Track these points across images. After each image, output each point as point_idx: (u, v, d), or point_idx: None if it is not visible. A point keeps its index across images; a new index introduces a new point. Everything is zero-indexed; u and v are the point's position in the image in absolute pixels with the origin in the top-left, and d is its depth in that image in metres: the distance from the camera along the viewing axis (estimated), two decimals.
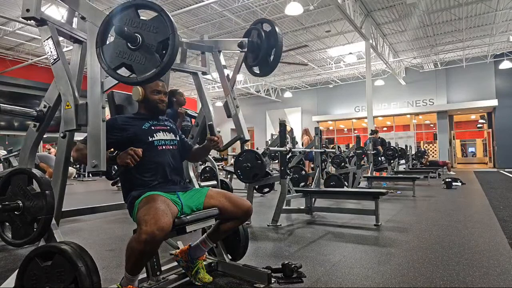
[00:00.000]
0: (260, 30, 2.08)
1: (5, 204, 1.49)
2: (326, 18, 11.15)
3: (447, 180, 7.21)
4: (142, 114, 1.94)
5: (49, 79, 1.67)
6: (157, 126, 1.92)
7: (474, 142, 23.67)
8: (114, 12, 1.40)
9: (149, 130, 1.86)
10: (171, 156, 1.89)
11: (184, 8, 9.85)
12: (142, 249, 1.45)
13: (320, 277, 2.04)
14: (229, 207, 1.80)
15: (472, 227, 3.48)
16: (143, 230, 1.44)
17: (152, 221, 1.45)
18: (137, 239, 1.46)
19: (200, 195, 1.84)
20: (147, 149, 1.77)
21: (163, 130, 1.93)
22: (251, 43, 2.07)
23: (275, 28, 2.04)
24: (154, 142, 1.84)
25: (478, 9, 10.83)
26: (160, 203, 1.58)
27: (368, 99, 11.68)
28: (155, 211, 1.51)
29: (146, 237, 1.43)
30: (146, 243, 1.44)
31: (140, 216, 1.53)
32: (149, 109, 1.94)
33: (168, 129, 1.96)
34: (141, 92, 1.89)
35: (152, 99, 1.92)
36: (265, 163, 3.88)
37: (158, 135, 1.88)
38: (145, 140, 1.82)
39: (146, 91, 1.91)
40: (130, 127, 1.82)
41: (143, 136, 1.83)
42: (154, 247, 1.49)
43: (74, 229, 3.65)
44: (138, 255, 1.49)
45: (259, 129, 21.22)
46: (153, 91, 1.92)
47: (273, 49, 2.05)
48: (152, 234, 1.43)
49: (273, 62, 2.08)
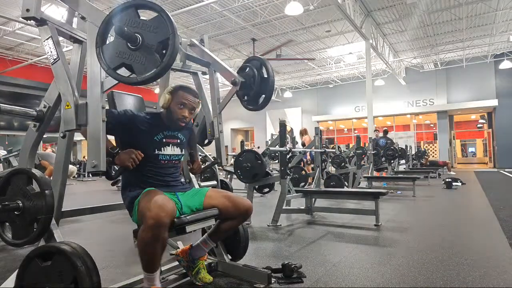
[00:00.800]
0: (255, 74, 2.13)
1: (5, 204, 1.48)
2: (326, 18, 11.15)
3: (447, 180, 7.20)
4: (160, 121, 1.84)
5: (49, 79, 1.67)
6: (169, 139, 1.85)
7: (474, 142, 23.68)
8: (114, 12, 1.40)
9: (159, 143, 1.80)
10: (173, 169, 1.88)
11: (184, 8, 9.85)
12: (151, 236, 1.45)
13: (320, 277, 2.04)
14: (229, 207, 1.80)
15: (472, 227, 3.48)
16: (147, 216, 1.45)
17: (155, 205, 1.47)
18: (144, 227, 1.46)
19: (200, 195, 1.83)
20: (149, 160, 1.76)
21: (172, 144, 1.86)
22: (244, 83, 2.14)
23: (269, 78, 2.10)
24: (159, 156, 1.80)
25: (478, 9, 10.83)
26: (160, 193, 1.61)
27: (368, 99, 11.68)
28: (156, 199, 1.52)
29: (152, 222, 1.43)
30: (154, 228, 1.44)
31: (142, 207, 1.54)
32: (168, 120, 1.84)
33: (178, 143, 1.89)
34: (168, 100, 1.80)
35: (174, 111, 1.81)
36: (265, 163, 3.88)
37: (165, 149, 1.82)
38: (151, 152, 1.77)
39: (173, 99, 1.80)
40: (141, 135, 1.76)
41: (151, 147, 1.78)
42: (162, 231, 1.47)
43: (74, 229, 3.65)
44: (149, 246, 1.48)
45: (259, 129, 21.24)
46: (179, 103, 1.80)
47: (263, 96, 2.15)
48: (157, 217, 1.44)
49: (261, 104, 2.18)
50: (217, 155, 2.29)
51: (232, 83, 2.08)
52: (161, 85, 2.35)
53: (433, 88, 16.48)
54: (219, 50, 13.87)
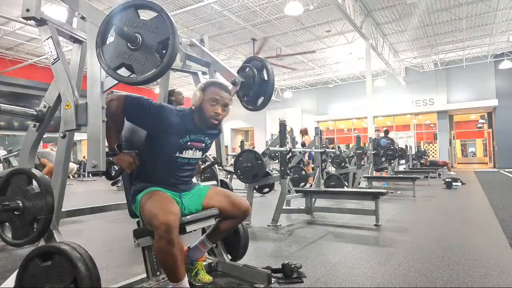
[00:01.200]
0: (255, 74, 2.13)
1: (5, 204, 1.48)
2: (326, 18, 11.15)
3: (447, 180, 7.20)
4: (191, 121, 1.72)
5: (49, 79, 1.67)
6: (194, 142, 1.74)
7: (474, 142, 23.68)
8: (114, 12, 1.40)
9: (183, 146, 1.71)
10: (188, 169, 1.81)
11: (184, 8, 9.85)
12: (165, 242, 1.43)
13: (320, 277, 2.04)
14: (227, 207, 1.80)
15: (472, 227, 3.48)
16: (156, 224, 1.44)
17: (162, 211, 1.47)
18: (156, 237, 1.45)
19: (201, 195, 1.83)
20: (167, 160, 1.71)
21: (196, 148, 1.76)
22: (244, 83, 2.14)
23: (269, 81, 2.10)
24: (178, 158, 1.72)
25: (478, 9, 10.83)
26: (162, 194, 1.62)
27: (368, 99, 11.69)
28: (160, 204, 1.52)
29: (163, 228, 1.42)
30: (166, 233, 1.42)
31: (148, 214, 1.53)
32: (201, 119, 1.71)
33: (202, 147, 1.79)
34: (200, 98, 1.69)
35: (206, 109, 1.69)
36: (265, 163, 3.88)
37: (187, 152, 1.73)
38: (172, 154, 1.70)
39: (205, 96, 1.70)
40: (168, 135, 1.67)
41: (173, 149, 1.70)
42: (174, 234, 1.45)
43: (74, 229, 3.65)
44: (167, 253, 1.45)
45: (259, 129, 21.24)
46: (211, 99, 1.69)
47: (262, 97, 2.15)
48: (166, 221, 1.43)
49: (261, 105, 2.18)
50: (217, 155, 2.31)
51: (232, 83, 2.09)
52: (161, 85, 2.35)
53: (433, 88, 16.48)
54: (219, 50, 13.87)
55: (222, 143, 2.32)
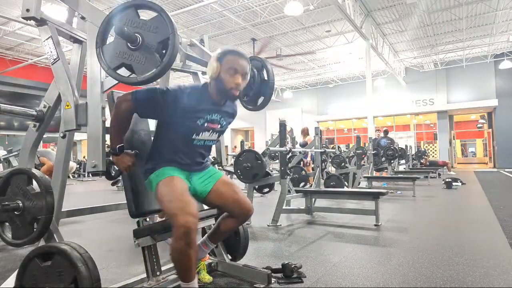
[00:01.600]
0: (255, 74, 2.12)
1: (5, 204, 1.49)
2: (326, 18, 11.16)
3: (447, 180, 7.20)
4: (207, 97, 1.62)
5: (49, 79, 1.67)
6: (211, 123, 1.66)
7: (474, 142, 23.68)
8: (114, 12, 1.40)
9: (200, 128, 1.63)
10: (204, 150, 1.74)
11: (184, 8, 9.86)
12: (184, 244, 1.40)
13: (320, 277, 2.04)
14: (230, 205, 1.73)
15: (472, 227, 3.48)
16: (177, 224, 1.40)
17: (180, 213, 1.41)
18: (175, 237, 1.42)
19: (211, 179, 1.75)
20: (182, 142, 1.64)
21: (213, 130, 1.69)
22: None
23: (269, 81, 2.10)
24: (195, 140, 1.66)
25: (478, 9, 10.83)
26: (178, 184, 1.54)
27: (368, 99, 11.69)
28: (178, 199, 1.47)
29: (183, 230, 1.39)
30: (186, 235, 1.40)
31: (166, 209, 1.49)
32: (219, 92, 1.62)
33: (218, 129, 1.72)
34: (217, 68, 1.57)
35: (226, 80, 1.58)
36: (265, 163, 3.88)
37: (204, 134, 1.66)
38: (189, 136, 1.63)
39: (223, 67, 1.57)
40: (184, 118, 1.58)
41: (190, 132, 1.62)
42: (193, 236, 1.43)
43: (74, 229, 3.65)
44: (184, 254, 1.43)
45: (259, 129, 21.24)
46: (230, 69, 1.57)
47: (262, 97, 2.15)
48: (187, 224, 1.39)
49: (260, 105, 2.17)
50: (217, 155, 2.31)
51: None
52: (161, 85, 2.35)
53: (433, 88, 16.48)
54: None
55: (222, 143, 2.32)
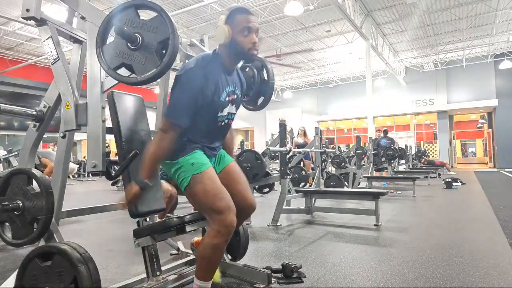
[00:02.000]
0: (255, 74, 2.11)
1: (5, 204, 1.48)
2: (326, 18, 11.16)
3: (447, 180, 7.20)
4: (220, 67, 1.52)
5: (49, 79, 1.67)
6: (231, 96, 1.58)
7: (474, 142, 23.67)
8: (114, 12, 1.40)
9: (224, 103, 1.54)
10: (226, 128, 1.67)
11: (184, 8, 9.86)
12: (224, 241, 1.38)
13: (320, 277, 2.04)
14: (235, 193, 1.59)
15: (472, 227, 3.48)
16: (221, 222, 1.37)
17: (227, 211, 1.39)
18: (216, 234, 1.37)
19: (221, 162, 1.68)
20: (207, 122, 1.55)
21: (232, 102, 1.60)
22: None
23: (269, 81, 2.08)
24: (218, 118, 1.56)
25: (478, 9, 10.83)
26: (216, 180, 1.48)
27: (368, 99, 11.68)
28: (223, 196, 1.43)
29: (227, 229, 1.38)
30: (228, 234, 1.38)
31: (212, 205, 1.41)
32: (235, 56, 1.53)
33: (235, 99, 1.62)
34: (228, 31, 1.46)
35: (240, 42, 1.47)
36: (265, 163, 3.88)
37: (225, 110, 1.57)
38: (214, 115, 1.54)
39: (234, 28, 1.47)
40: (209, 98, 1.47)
41: (215, 109, 1.53)
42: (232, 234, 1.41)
43: (74, 229, 3.65)
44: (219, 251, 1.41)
45: (259, 129, 21.24)
46: (243, 29, 1.47)
47: (262, 97, 2.12)
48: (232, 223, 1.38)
49: (260, 105, 2.15)
50: None
51: None
52: (161, 85, 2.34)
53: (433, 88, 16.48)
54: None
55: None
